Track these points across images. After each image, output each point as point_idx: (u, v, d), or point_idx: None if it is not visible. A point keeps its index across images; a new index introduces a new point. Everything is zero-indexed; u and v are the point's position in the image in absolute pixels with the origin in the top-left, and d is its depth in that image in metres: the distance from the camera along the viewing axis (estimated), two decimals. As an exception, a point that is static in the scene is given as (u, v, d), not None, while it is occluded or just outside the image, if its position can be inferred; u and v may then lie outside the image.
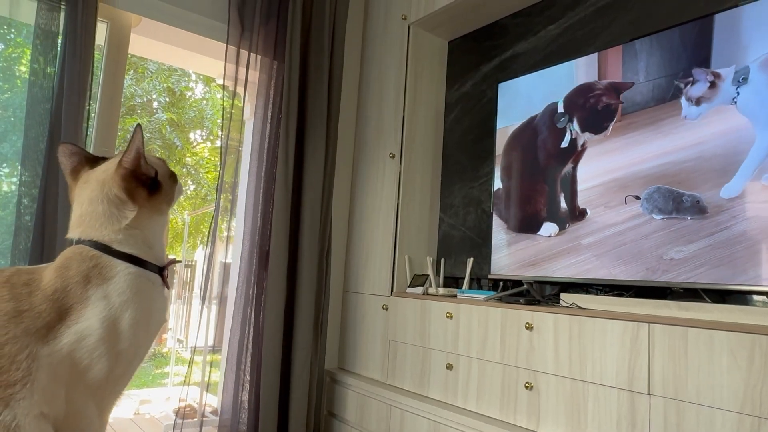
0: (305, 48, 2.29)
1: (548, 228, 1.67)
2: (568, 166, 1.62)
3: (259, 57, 2.17)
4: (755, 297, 1.40)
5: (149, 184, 1.02)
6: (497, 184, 1.91)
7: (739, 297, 1.43)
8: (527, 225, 1.75)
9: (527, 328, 1.58)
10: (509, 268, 1.79)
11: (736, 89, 1.34)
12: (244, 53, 2.14)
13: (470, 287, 2.13)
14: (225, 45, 2.09)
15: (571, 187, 1.61)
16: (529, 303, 1.67)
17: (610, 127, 1.56)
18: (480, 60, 2.31)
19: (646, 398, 1.29)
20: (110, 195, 0.98)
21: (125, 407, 3.57)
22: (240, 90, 2.22)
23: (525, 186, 1.78)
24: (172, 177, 1.10)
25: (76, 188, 1.03)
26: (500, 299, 1.78)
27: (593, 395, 1.40)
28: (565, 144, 1.64)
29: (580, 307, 1.52)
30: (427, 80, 2.38)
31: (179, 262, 1.72)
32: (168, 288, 1.04)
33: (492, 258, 1.88)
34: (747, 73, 1.33)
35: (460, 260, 2.25)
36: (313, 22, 2.30)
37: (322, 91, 2.28)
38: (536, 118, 1.76)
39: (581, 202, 1.59)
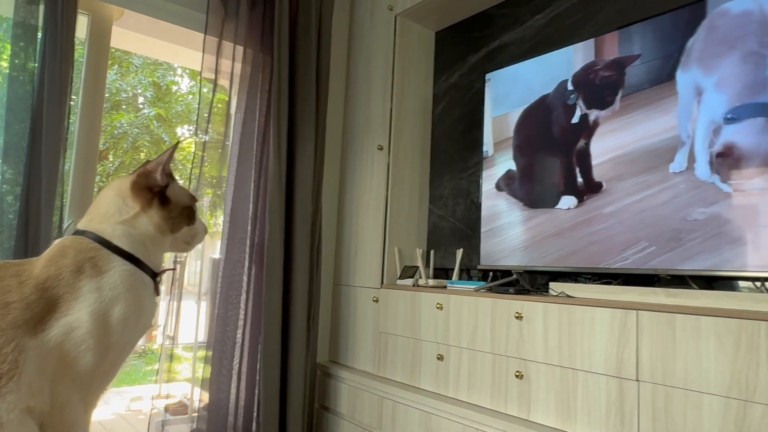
0: (292, 40, 2.27)
1: (567, 201, 1.70)
2: (581, 142, 1.67)
3: (243, 49, 2.15)
4: (741, 283, 1.42)
5: (160, 196, 1.03)
6: (508, 165, 1.89)
7: (726, 283, 1.44)
8: (545, 200, 1.76)
9: (517, 317, 1.59)
10: (529, 242, 1.79)
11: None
12: (229, 45, 2.11)
13: (460, 278, 2.13)
14: (203, 35, 2.06)
15: (586, 161, 1.66)
16: (518, 292, 1.68)
17: (617, 102, 1.59)
18: (467, 50, 2.30)
19: (635, 384, 1.30)
20: (121, 188, 1.02)
21: (116, 404, 3.56)
22: (225, 83, 2.20)
23: (541, 163, 1.80)
24: (187, 211, 1.08)
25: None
26: (490, 289, 1.79)
27: (582, 383, 1.41)
28: (575, 120, 1.69)
29: (568, 296, 1.53)
30: (415, 71, 2.37)
31: (174, 270, 1.71)
32: (158, 294, 1.04)
33: (505, 237, 1.87)
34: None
35: (449, 251, 2.25)
36: (300, 13, 2.27)
37: (311, 83, 2.26)
38: (548, 97, 1.79)
39: (596, 175, 1.63)
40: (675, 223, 1.43)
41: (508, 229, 1.86)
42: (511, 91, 1.91)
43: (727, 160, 1.35)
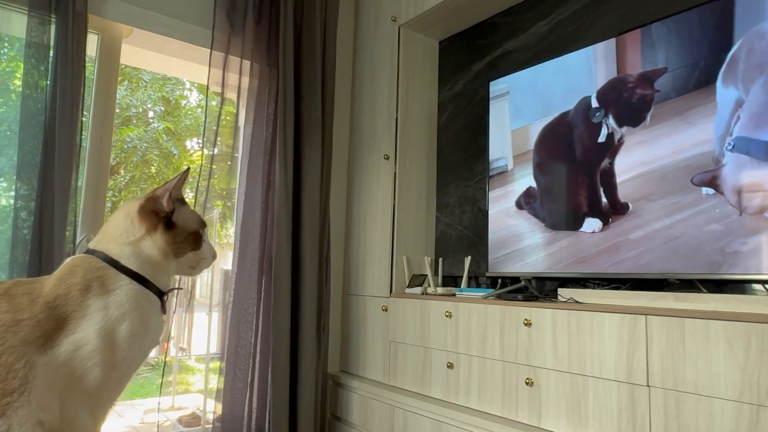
0: (297, 53, 2.30)
1: (591, 224, 1.60)
2: (606, 161, 1.57)
3: (250, 63, 2.18)
4: (753, 286, 1.41)
5: (166, 220, 1.06)
6: (529, 181, 1.80)
7: (735, 286, 1.43)
8: (568, 222, 1.65)
9: (526, 324, 1.59)
10: (552, 269, 1.69)
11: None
12: (236, 60, 2.14)
13: (468, 286, 2.13)
14: (209, 50, 2.10)
15: (610, 181, 1.56)
16: (527, 299, 1.68)
17: (648, 118, 1.48)
18: (471, 59, 2.32)
19: (646, 390, 1.30)
20: (131, 210, 1.05)
21: (130, 416, 3.58)
22: (232, 96, 2.23)
23: (563, 181, 1.70)
24: (193, 237, 1.10)
25: None
26: (498, 296, 1.79)
27: (593, 389, 1.41)
28: (602, 139, 1.59)
29: (577, 302, 1.53)
30: (419, 81, 2.39)
31: (181, 289, 1.75)
32: (165, 313, 1.06)
33: (528, 262, 1.77)
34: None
35: (457, 259, 2.25)
36: (305, 26, 2.31)
37: (316, 95, 2.29)
38: (569, 114, 1.68)
39: (622, 195, 1.53)
40: (713, 254, 1.27)
41: (530, 253, 1.75)
42: (530, 103, 1.82)
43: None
